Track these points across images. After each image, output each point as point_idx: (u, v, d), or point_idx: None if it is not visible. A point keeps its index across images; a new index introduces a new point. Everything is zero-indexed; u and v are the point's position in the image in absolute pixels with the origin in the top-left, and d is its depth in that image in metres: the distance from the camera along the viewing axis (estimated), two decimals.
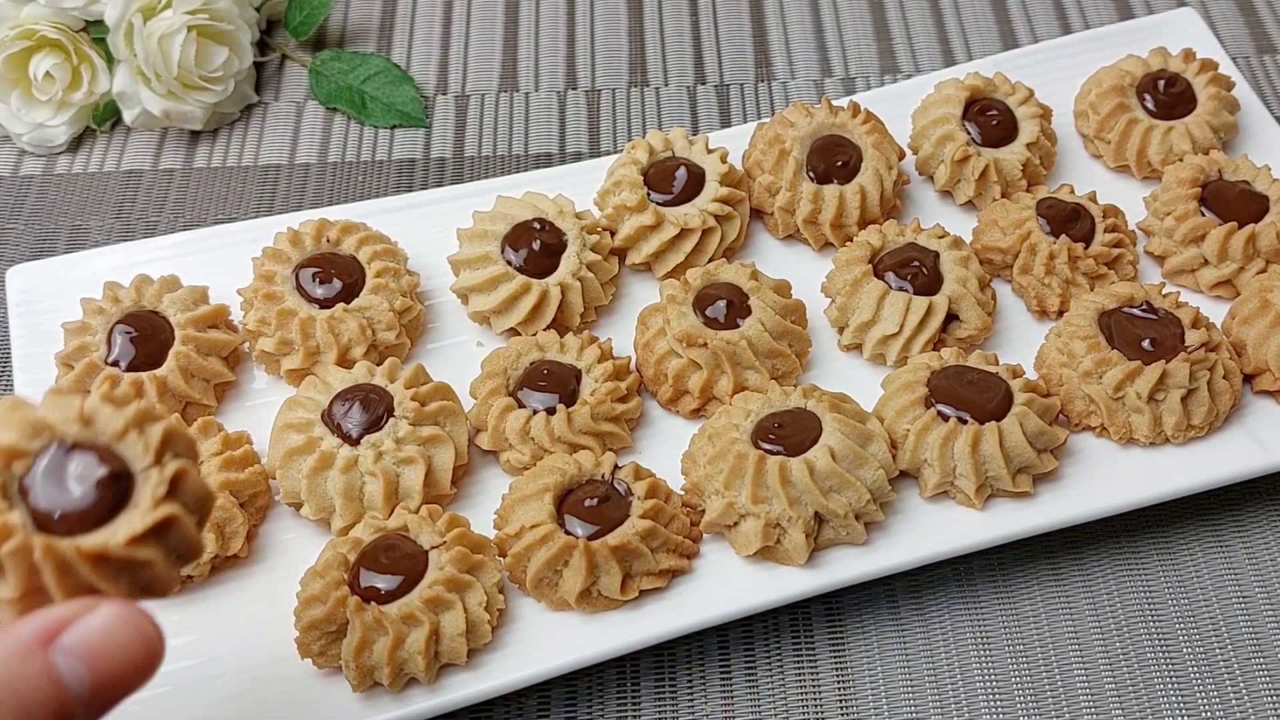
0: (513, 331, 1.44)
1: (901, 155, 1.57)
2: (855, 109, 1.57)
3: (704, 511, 1.30)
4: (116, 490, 0.83)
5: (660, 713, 1.28)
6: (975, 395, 1.32)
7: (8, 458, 0.83)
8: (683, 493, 1.33)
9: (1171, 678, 1.30)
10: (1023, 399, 1.32)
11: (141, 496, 0.84)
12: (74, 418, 0.84)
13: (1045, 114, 1.61)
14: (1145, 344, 1.37)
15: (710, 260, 1.49)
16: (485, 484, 1.37)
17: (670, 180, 1.51)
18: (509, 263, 1.44)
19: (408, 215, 1.55)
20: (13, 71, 1.68)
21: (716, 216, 1.49)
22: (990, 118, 1.58)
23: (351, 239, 1.45)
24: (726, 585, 1.28)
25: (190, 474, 0.87)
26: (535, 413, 1.34)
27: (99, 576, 0.82)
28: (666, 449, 1.39)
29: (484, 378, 1.38)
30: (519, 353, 1.38)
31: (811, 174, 1.53)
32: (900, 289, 1.43)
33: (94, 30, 1.72)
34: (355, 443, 1.28)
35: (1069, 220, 1.49)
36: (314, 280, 1.41)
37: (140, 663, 0.81)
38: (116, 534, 0.82)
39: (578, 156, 1.76)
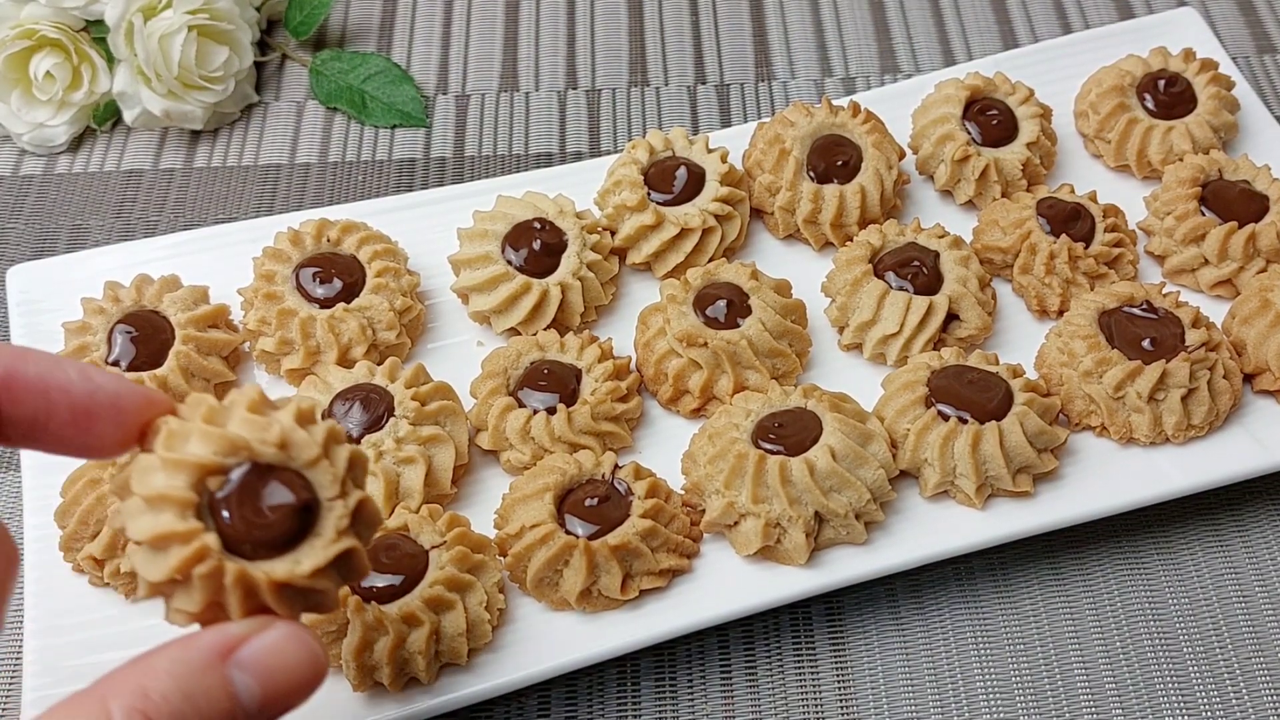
0: (513, 331, 1.44)
1: (901, 155, 1.57)
2: (855, 109, 1.57)
3: (704, 511, 1.30)
4: (305, 518, 0.88)
5: (660, 712, 1.29)
6: (975, 395, 1.33)
7: (204, 473, 0.87)
8: (683, 492, 1.33)
9: (1172, 677, 1.31)
10: (1023, 399, 1.32)
11: (325, 526, 0.89)
12: (272, 441, 0.88)
13: (1045, 114, 1.62)
14: (1145, 343, 1.37)
15: (710, 260, 1.50)
16: (486, 484, 1.37)
17: (670, 180, 1.51)
18: (509, 262, 1.44)
19: (408, 215, 1.55)
20: (13, 71, 1.69)
21: (717, 216, 1.49)
22: (990, 117, 1.58)
23: (352, 239, 1.45)
24: (727, 585, 1.28)
25: (368, 503, 0.92)
26: (535, 412, 1.34)
27: (277, 600, 0.86)
28: (667, 449, 1.39)
29: (484, 377, 1.38)
30: (519, 352, 1.39)
31: (812, 173, 1.53)
32: (900, 289, 1.43)
33: (94, 30, 1.72)
34: (356, 442, 1.28)
35: (1069, 220, 1.49)
36: (314, 280, 1.41)
37: (306, 680, 0.87)
38: (301, 564, 0.87)
39: (578, 156, 1.77)
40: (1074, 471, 1.36)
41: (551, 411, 1.34)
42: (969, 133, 1.58)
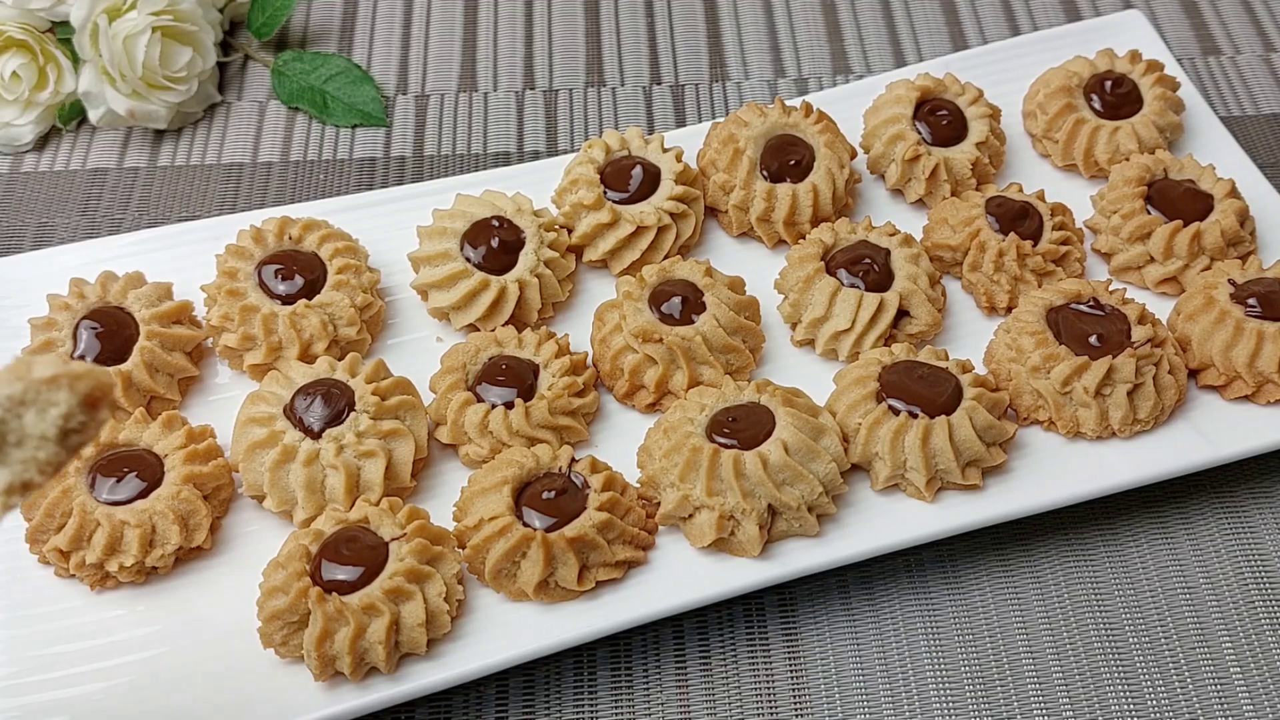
0: (471, 327, 1.46)
1: (853, 154, 1.59)
2: (808, 109, 1.58)
3: (659, 504, 1.31)
4: None
5: (616, 702, 1.30)
6: (926, 390, 1.34)
7: None
8: (638, 485, 1.34)
9: (1118, 667, 1.32)
10: (972, 394, 1.34)
11: None
12: None
13: (994, 114, 1.63)
14: (1092, 339, 1.38)
15: (665, 257, 1.51)
16: (445, 477, 1.38)
17: (626, 179, 1.53)
18: (468, 259, 1.46)
19: (369, 213, 1.56)
20: None
21: (672, 214, 1.51)
22: (940, 117, 1.60)
23: (313, 236, 1.46)
24: (681, 577, 1.29)
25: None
26: (494, 407, 1.35)
27: None
28: (622, 443, 1.40)
29: (443, 372, 1.39)
30: (478, 348, 1.40)
31: (765, 173, 1.55)
32: (852, 285, 1.44)
33: (60, 31, 1.73)
34: (317, 436, 1.29)
35: (1017, 218, 1.51)
36: (276, 277, 1.43)
37: None
38: None
39: (535, 155, 1.78)
40: (1022, 465, 1.38)
41: (509, 406, 1.35)
42: (919, 132, 1.60)
